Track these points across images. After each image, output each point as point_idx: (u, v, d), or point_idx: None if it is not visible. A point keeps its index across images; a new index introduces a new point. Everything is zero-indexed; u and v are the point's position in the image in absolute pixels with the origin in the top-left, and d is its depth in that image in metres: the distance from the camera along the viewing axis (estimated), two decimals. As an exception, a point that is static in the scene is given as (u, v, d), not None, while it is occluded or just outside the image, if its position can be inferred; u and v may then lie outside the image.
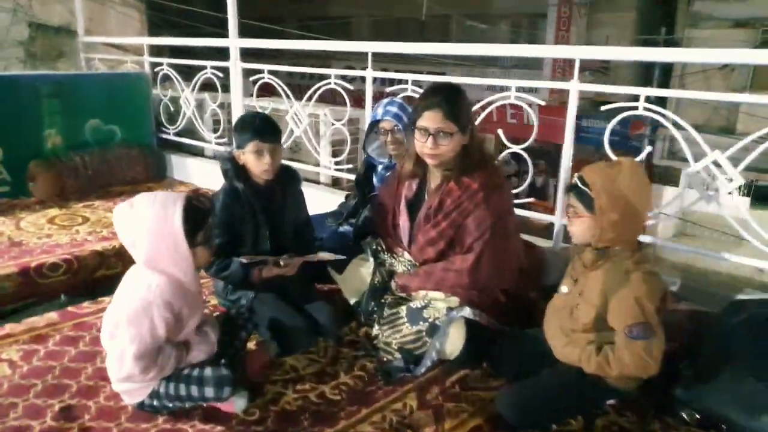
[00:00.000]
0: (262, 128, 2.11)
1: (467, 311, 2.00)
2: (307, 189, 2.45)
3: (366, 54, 3.25)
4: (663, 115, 2.22)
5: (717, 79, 11.63)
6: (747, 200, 15.03)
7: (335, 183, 4.06)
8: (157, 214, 1.62)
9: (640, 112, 2.31)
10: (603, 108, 2.45)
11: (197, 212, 1.68)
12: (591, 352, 1.72)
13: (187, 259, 1.67)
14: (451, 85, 2.10)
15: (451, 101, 2.00)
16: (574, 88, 2.44)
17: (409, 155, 2.21)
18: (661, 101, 11.30)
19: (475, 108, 2.32)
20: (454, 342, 1.97)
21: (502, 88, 2.72)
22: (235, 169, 2.16)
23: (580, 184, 1.74)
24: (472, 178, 2.07)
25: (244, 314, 2.03)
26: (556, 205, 2.60)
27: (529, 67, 12.33)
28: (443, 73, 12.10)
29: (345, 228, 2.87)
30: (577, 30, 11.79)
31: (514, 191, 2.47)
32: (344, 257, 2.30)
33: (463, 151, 2.07)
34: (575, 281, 1.84)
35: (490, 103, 2.75)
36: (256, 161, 2.13)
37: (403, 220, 2.26)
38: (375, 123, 2.69)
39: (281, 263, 2.13)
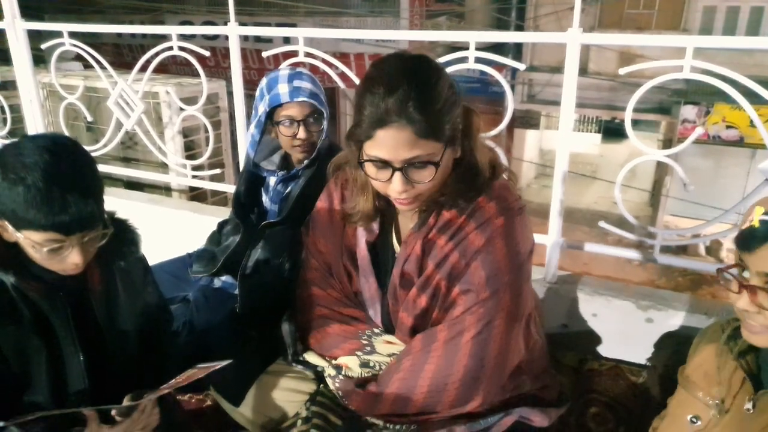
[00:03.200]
0: (64, 205, 0.96)
1: None
2: (149, 208, 1.41)
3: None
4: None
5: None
6: (598, 136, 16.04)
7: (196, 192, 2.91)
8: None
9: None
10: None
11: None
12: None
13: None
14: (419, 62, 1.08)
15: (424, 101, 1.03)
16: (575, 40, 1.58)
17: (361, 185, 1.24)
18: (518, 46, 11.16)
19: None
20: None
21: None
22: None
23: None
24: (483, 197, 1.17)
25: None
26: (551, 216, 1.75)
27: (385, 14, 11.45)
28: (293, 25, 10.85)
29: (224, 281, 1.83)
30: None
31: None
32: (229, 361, 1.18)
33: (458, 168, 1.16)
34: (718, 407, 1.00)
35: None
36: (47, 260, 1.04)
37: (369, 286, 1.30)
38: (275, 109, 1.62)
39: (117, 418, 1.10)
